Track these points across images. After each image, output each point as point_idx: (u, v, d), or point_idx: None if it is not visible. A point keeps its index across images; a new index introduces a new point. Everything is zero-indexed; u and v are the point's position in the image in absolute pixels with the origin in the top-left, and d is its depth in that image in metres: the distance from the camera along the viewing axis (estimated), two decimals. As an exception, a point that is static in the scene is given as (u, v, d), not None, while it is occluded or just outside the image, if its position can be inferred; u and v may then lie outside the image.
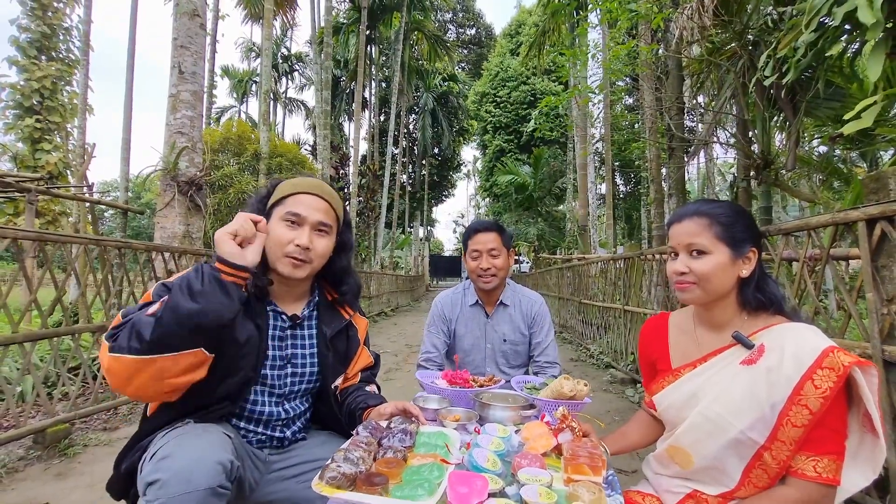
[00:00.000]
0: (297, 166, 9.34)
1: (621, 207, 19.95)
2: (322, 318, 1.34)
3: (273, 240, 1.21)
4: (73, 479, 2.37)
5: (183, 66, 4.69)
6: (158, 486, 0.89)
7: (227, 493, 0.95)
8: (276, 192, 1.28)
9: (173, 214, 4.47)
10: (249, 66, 27.90)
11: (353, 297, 1.41)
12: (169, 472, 0.90)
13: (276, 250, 1.20)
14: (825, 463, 0.91)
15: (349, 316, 1.40)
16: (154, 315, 0.96)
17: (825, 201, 5.03)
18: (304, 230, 1.22)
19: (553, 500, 0.87)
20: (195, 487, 0.89)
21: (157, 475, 0.90)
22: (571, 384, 1.43)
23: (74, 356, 3.11)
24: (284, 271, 1.21)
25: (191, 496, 0.88)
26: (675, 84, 5.83)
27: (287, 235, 1.20)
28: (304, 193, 1.25)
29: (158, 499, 0.88)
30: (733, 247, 1.04)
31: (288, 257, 1.20)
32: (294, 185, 1.27)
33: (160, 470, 0.91)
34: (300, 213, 1.22)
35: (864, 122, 2.26)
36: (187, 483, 0.89)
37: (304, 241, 1.20)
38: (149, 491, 0.90)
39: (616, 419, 3.49)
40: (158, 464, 0.93)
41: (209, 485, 0.91)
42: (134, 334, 0.95)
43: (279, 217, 1.23)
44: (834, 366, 0.91)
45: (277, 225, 1.22)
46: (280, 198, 1.25)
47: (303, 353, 1.31)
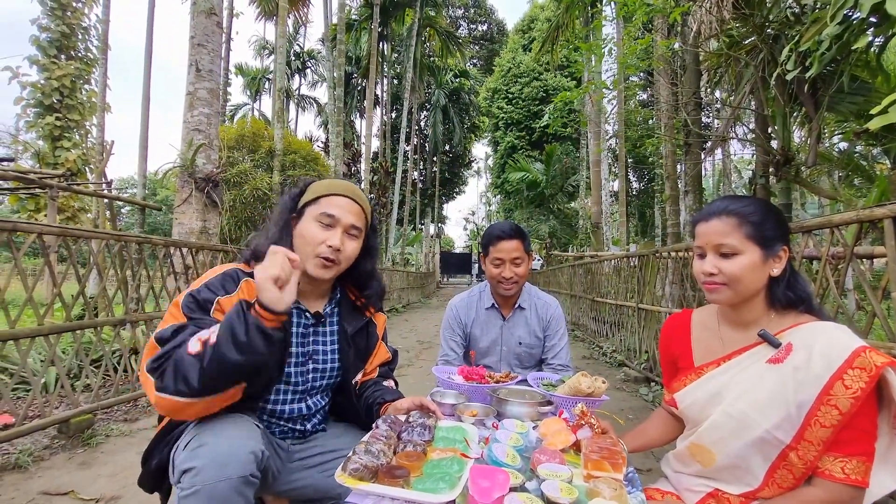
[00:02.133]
0: (310, 163, 9.41)
1: (634, 205, 19.74)
2: (344, 315, 1.36)
3: (306, 239, 1.21)
4: (96, 468, 2.43)
5: (200, 64, 4.74)
6: (194, 473, 0.91)
7: (256, 483, 0.97)
8: (309, 192, 1.28)
9: (191, 210, 4.54)
10: (262, 64, 28.11)
11: (377, 300, 1.42)
12: (205, 459, 0.92)
13: (308, 250, 1.21)
14: (854, 464, 0.90)
15: (370, 314, 1.42)
16: (198, 358, 0.95)
17: (846, 198, 4.92)
18: (336, 231, 1.22)
19: (574, 495, 0.87)
20: (230, 475, 0.91)
21: (192, 462, 0.92)
22: (589, 381, 1.42)
23: (96, 349, 3.18)
24: (314, 272, 1.21)
25: (225, 484, 0.90)
26: (692, 79, 5.73)
27: (320, 236, 1.21)
28: (339, 195, 1.26)
29: (194, 486, 0.90)
30: (764, 246, 1.01)
31: (319, 258, 1.21)
32: (329, 187, 1.27)
33: (196, 457, 0.93)
34: (335, 215, 1.22)
35: (892, 117, 2.20)
36: (222, 470, 0.90)
37: (336, 243, 1.20)
38: (184, 478, 0.92)
39: (630, 418, 3.47)
40: (194, 452, 0.94)
41: (243, 473, 0.92)
42: (180, 378, 0.95)
43: (312, 217, 1.23)
44: (866, 366, 0.89)
45: (310, 224, 1.22)
46: (314, 198, 1.26)
47: (324, 350, 1.32)
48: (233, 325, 0.96)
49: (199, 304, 1.11)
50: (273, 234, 1.26)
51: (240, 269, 1.23)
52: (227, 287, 1.16)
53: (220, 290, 1.15)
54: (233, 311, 0.99)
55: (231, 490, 0.90)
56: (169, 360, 0.98)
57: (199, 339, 0.98)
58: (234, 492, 0.91)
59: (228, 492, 0.90)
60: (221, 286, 1.16)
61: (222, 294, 1.14)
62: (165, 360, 0.98)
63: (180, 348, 0.99)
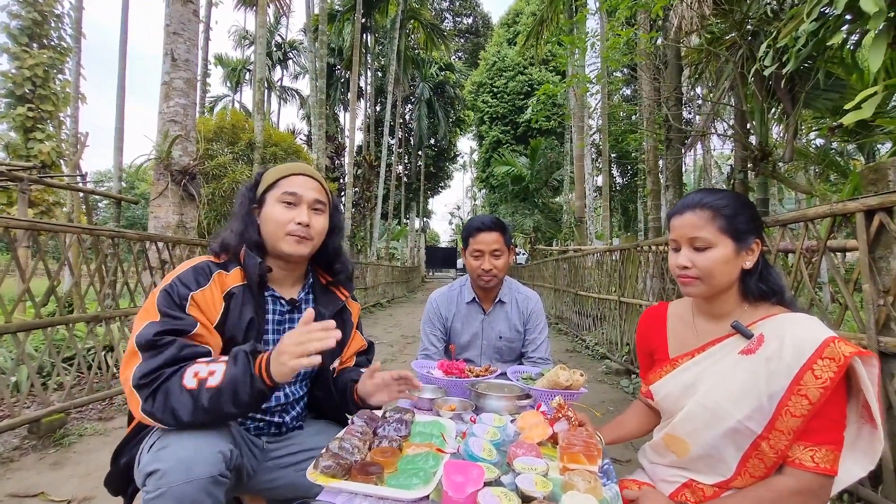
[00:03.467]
0: (291, 156, 9.26)
1: (618, 199, 19.94)
2: (319, 300, 1.35)
3: (273, 221, 1.22)
4: (68, 469, 2.36)
5: (176, 54, 4.61)
6: (158, 475, 0.89)
7: (226, 482, 0.95)
8: (266, 178, 1.29)
9: (167, 204, 4.43)
10: (243, 55, 27.58)
11: (346, 278, 1.42)
12: (169, 461, 0.89)
13: (278, 231, 1.22)
14: (823, 453, 0.91)
15: (345, 298, 1.41)
16: (192, 396, 0.95)
17: (822, 193, 5.04)
18: (301, 209, 1.24)
19: (548, 488, 0.87)
20: (196, 476, 0.89)
21: (156, 465, 0.90)
22: (567, 374, 1.43)
23: (69, 346, 3.09)
24: (289, 249, 1.22)
25: (191, 485, 0.88)
26: (673, 74, 5.79)
27: (287, 215, 1.22)
28: (296, 175, 1.27)
29: (159, 489, 0.87)
30: (737, 239, 1.02)
31: (291, 235, 1.22)
32: (286, 169, 1.29)
33: (159, 460, 0.91)
34: (297, 192, 1.24)
35: (864, 113, 2.25)
36: (188, 472, 0.88)
37: (304, 219, 1.22)
38: (148, 481, 0.90)
39: (611, 409, 3.51)
40: (157, 454, 0.92)
41: (210, 474, 0.90)
42: (169, 411, 0.95)
43: (275, 199, 1.24)
44: (835, 356, 0.90)
45: (275, 207, 1.23)
46: (273, 182, 1.26)
47: None
48: (237, 385, 0.97)
49: (174, 300, 1.09)
50: (237, 227, 1.25)
51: (210, 262, 1.22)
52: (200, 281, 1.15)
53: (193, 285, 1.14)
54: (239, 370, 0.99)
55: (198, 491, 0.88)
56: (160, 387, 0.97)
57: (195, 374, 0.98)
58: (201, 492, 0.89)
59: (196, 493, 0.88)
60: (194, 280, 1.15)
61: (195, 289, 1.13)
62: (156, 384, 0.97)
63: (174, 377, 0.98)
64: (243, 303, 1.18)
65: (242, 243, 1.22)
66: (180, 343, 1.02)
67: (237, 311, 1.16)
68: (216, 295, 1.15)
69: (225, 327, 1.14)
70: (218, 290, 1.16)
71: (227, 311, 1.15)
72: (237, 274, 1.21)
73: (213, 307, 1.14)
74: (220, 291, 1.16)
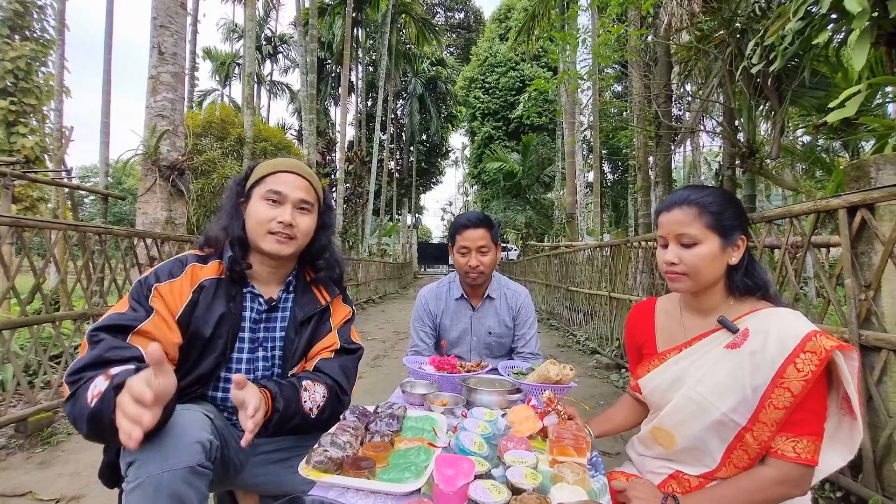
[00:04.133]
0: (282, 151, 9.18)
1: (609, 196, 20.07)
2: (297, 300, 1.31)
3: (255, 219, 1.21)
4: (56, 468, 2.34)
5: (163, 47, 4.54)
6: (137, 465, 0.89)
7: (207, 473, 0.95)
8: (254, 173, 1.27)
9: (155, 200, 4.38)
10: (232, 48, 27.20)
11: (329, 278, 1.36)
12: (146, 451, 0.89)
13: (259, 229, 1.20)
14: (804, 444, 0.93)
15: (326, 301, 1.34)
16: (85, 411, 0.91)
17: (807, 190, 5.12)
18: (285, 208, 1.21)
19: (538, 480, 0.88)
20: (173, 466, 0.88)
21: (134, 455, 0.90)
22: (558, 368, 1.45)
23: (56, 344, 3.05)
24: (270, 248, 1.20)
25: (170, 475, 0.88)
26: (663, 71, 5.83)
27: (269, 213, 1.20)
28: (284, 172, 1.25)
29: (138, 478, 0.88)
30: (723, 235, 1.03)
31: (271, 234, 1.20)
32: (274, 165, 1.27)
33: (138, 449, 0.90)
34: (281, 191, 1.22)
35: (848, 111, 2.29)
36: (164, 461, 0.88)
37: (286, 218, 1.19)
38: (129, 471, 0.90)
39: (601, 403, 3.55)
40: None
41: (189, 463, 0.90)
42: (77, 420, 0.93)
43: (260, 196, 1.22)
44: (816, 349, 0.92)
45: (258, 204, 1.22)
46: (260, 177, 1.25)
47: (272, 337, 1.27)
48: (101, 418, 0.89)
49: (142, 291, 1.12)
50: (223, 220, 1.26)
51: (191, 255, 1.23)
52: (174, 272, 1.17)
53: (165, 276, 1.15)
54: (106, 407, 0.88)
55: (177, 481, 0.88)
56: (77, 390, 0.95)
57: (93, 389, 0.92)
58: (181, 482, 0.89)
59: (175, 483, 0.88)
60: (168, 272, 1.16)
61: (165, 279, 1.14)
62: (76, 385, 0.95)
63: (87, 384, 0.94)
64: (214, 297, 1.17)
65: (227, 237, 1.22)
66: (108, 343, 1.01)
67: (205, 304, 1.16)
68: (185, 287, 1.15)
69: (190, 319, 1.14)
70: (188, 283, 1.16)
71: (193, 304, 1.15)
72: (214, 267, 1.21)
73: (178, 299, 1.14)
74: (191, 284, 1.16)
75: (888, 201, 1.79)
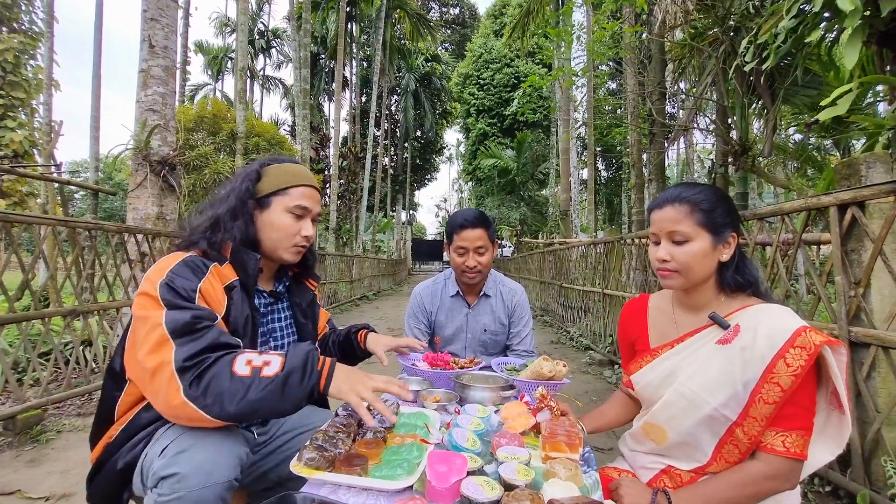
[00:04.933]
0: (275, 147, 9.12)
1: (603, 193, 20.13)
2: (294, 292, 1.40)
3: (282, 230, 1.22)
4: (46, 466, 2.32)
5: (153, 40, 4.48)
6: (176, 479, 0.87)
7: (237, 486, 0.95)
8: (272, 179, 1.23)
9: (146, 195, 4.33)
10: (224, 42, 26.92)
11: (312, 269, 1.47)
12: (189, 465, 0.88)
13: (286, 241, 1.24)
14: (793, 438, 0.94)
15: (314, 288, 1.47)
16: (244, 385, 0.91)
17: (799, 188, 5.16)
18: (307, 221, 1.27)
19: (530, 476, 0.88)
20: (215, 481, 0.88)
21: (174, 468, 0.88)
22: (551, 365, 1.45)
23: (45, 341, 3.01)
24: (290, 258, 1.26)
25: (210, 490, 0.87)
26: (657, 69, 5.84)
27: (295, 227, 1.24)
28: (308, 187, 1.27)
29: (176, 492, 0.86)
30: (714, 233, 1.04)
31: (296, 247, 1.26)
32: (296, 177, 1.25)
33: (178, 463, 0.88)
34: (308, 207, 1.26)
35: (839, 109, 2.30)
36: (208, 476, 0.87)
37: (310, 233, 1.27)
38: (163, 484, 0.88)
39: (594, 399, 3.57)
40: (176, 457, 0.89)
41: (228, 478, 0.90)
42: (215, 398, 0.90)
43: (284, 208, 1.23)
44: (806, 345, 0.93)
45: (283, 216, 1.23)
46: (283, 187, 1.22)
47: (280, 327, 1.35)
48: (293, 379, 0.95)
49: (180, 294, 1.01)
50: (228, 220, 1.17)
51: (198, 258, 1.14)
52: (198, 274, 1.09)
53: (193, 278, 1.07)
54: (299, 361, 0.97)
55: (215, 497, 0.88)
56: (206, 370, 0.91)
57: (248, 362, 0.94)
58: (217, 498, 0.88)
59: (213, 498, 0.88)
60: (192, 274, 1.07)
61: (198, 281, 1.07)
62: (201, 367, 0.91)
63: (223, 362, 0.92)
64: (242, 297, 1.16)
65: (231, 237, 1.16)
66: (218, 329, 0.99)
67: (238, 305, 1.14)
68: (217, 288, 1.11)
69: (228, 321, 1.11)
70: (218, 283, 1.12)
71: (230, 304, 1.13)
72: (230, 268, 1.17)
73: (219, 299, 1.10)
74: (221, 284, 1.13)
75: (878, 199, 1.81)
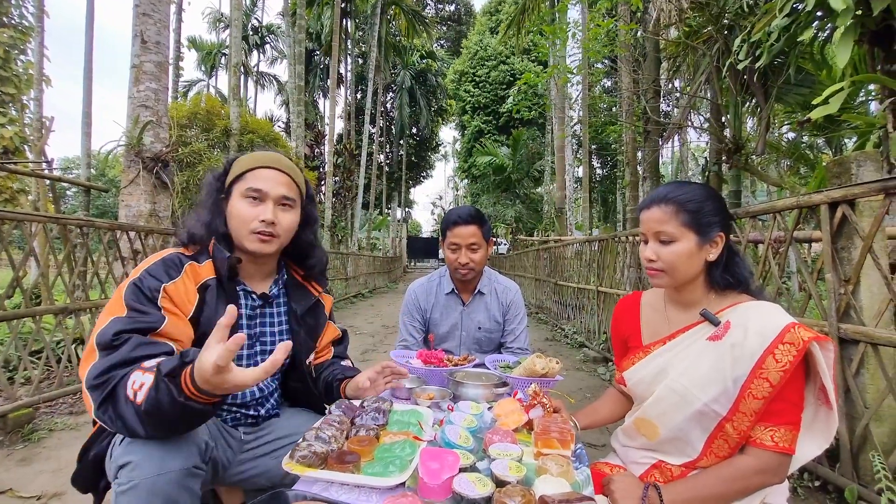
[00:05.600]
0: (269, 143, 9.06)
1: (598, 190, 20.22)
2: (291, 295, 1.33)
3: (236, 218, 1.18)
4: (38, 465, 2.30)
5: (146, 36, 4.44)
6: (131, 467, 0.87)
7: (202, 474, 0.94)
8: (234, 168, 1.23)
9: (138, 192, 4.30)
10: (218, 38, 26.70)
11: (320, 273, 1.40)
12: (141, 453, 0.88)
13: (242, 228, 1.17)
14: (782, 433, 0.96)
15: (318, 293, 1.39)
16: (133, 408, 0.86)
17: (792, 186, 5.20)
18: (267, 206, 1.18)
19: (522, 473, 0.88)
20: (169, 468, 0.87)
21: (129, 457, 0.88)
22: (544, 362, 1.45)
23: (36, 339, 2.99)
24: (253, 248, 1.18)
25: (165, 477, 0.87)
26: (652, 67, 5.86)
27: (251, 212, 1.17)
28: (264, 168, 1.21)
29: (131, 481, 0.86)
30: (700, 233, 1.05)
31: (254, 234, 1.17)
32: (252, 160, 1.22)
33: (133, 451, 0.89)
34: (262, 189, 1.18)
35: (831, 108, 2.32)
36: (161, 464, 0.87)
37: (268, 216, 1.17)
38: (121, 473, 0.88)
39: (588, 396, 3.59)
40: (130, 446, 0.90)
41: (184, 465, 0.89)
42: (119, 421, 0.87)
43: (240, 194, 1.18)
44: (794, 340, 0.94)
45: (239, 202, 1.18)
46: (239, 174, 1.21)
47: (272, 332, 1.29)
48: (162, 411, 0.85)
49: (144, 294, 1.03)
50: (204, 217, 1.20)
51: (180, 254, 1.17)
52: (171, 273, 1.10)
53: (164, 277, 1.08)
54: (162, 395, 0.84)
55: (171, 484, 0.87)
56: (110, 393, 0.89)
57: (132, 384, 0.87)
58: (175, 485, 0.88)
59: (169, 486, 0.87)
60: (165, 272, 1.09)
61: (167, 281, 1.08)
62: (107, 388, 0.89)
63: (120, 383, 0.89)
64: (218, 296, 1.14)
65: (211, 235, 1.18)
66: (136, 341, 0.95)
67: (212, 304, 1.12)
68: (189, 287, 1.11)
69: (200, 320, 1.10)
70: (191, 282, 1.11)
71: (202, 304, 1.11)
72: (209, 266, 1.17)
73: (188, 299, 1.09)
74: (194, 283, 1.12)
75: (868, 197, 1.83)
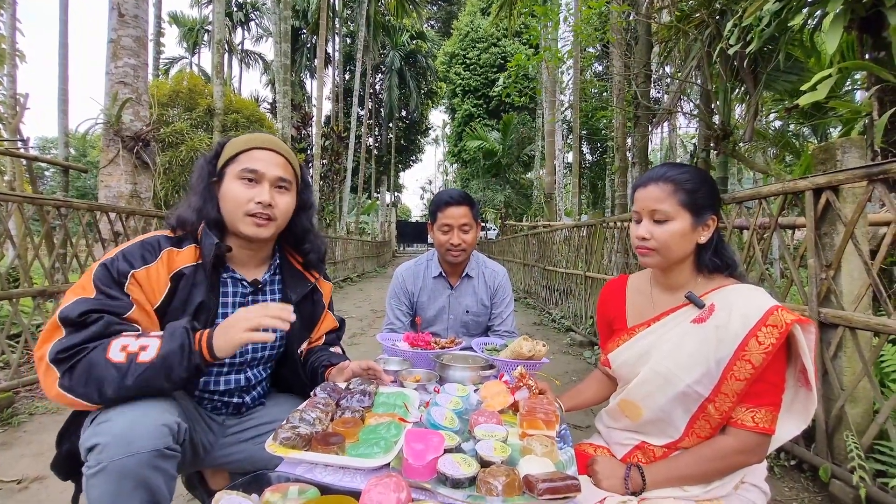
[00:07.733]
0: (254, 124, 8.88)
1: (587, 176, 20.23)
2: (286, 282, 1.29)
3: (231, 200, 1.13)
4: (18, 449, 2.27)
5: (123, 9, 4.27)
6: (98, 450, 0.85)
7: (175, 455, 0.93)
8: (227, 150, 1.19)
9: (118, 172, 4.18)
10: (201, 14, 25.85)
11: (318, 260, 1.35)
12: (108, 435, 0.86)
13: (237, 211, 1.13)
14: (763, 414, 0.97)
15: (314, 280, 1.35)
16: (119, 370, 0.90)
17: (777, 173, 5.26)
18: (263, 187, 1.14)
19: (507, 453, 0.89)
20: (138, 450, 0.86)
21: (96, 439, 0.86)
22: (530, 345, 1.46)
23: (14, 322, 2.92)
24: (249, 232, 1.14)
25: (133, 459, 0.85)
26: (643, 51, 5.82)
27: (246, 194, 1.13)
28: (259, 149, 1.17)
29: (99, 463, 0.84)
30: (695, 214, 1.05)
31: (250, 216, 1.13)
32: (247, 141, 1.18)
33: (99, 434, 0.87)
34: (258, 170, 1.14)
35: (819, 94, 2.33)
36: (128, 445, 0.85)
37: (265, 198, 1.13)
38: (89, 456, 0.87)
39: (574, 379, 3.64)
40: (97, 427, 0.88)
41: (154, 447, 0.87)
42: (93, 384, 0.89)
43: (234, 176, 1.14)
44: (777, 323, 0.95)
45: (233, 184, 1.14)
46: (233, 155, 1.16)
47: None
48: (172, 361, 0.93)
49: (113, 277, 1.01)
50: (195, 202, 1.16)
51: (163, 237, 1.13)
52: (147, 258, 1.07)
53: (138, 261, 1.05)
54: (175, 345, 0.94)
55: (142, 465, 0.86)
56: (81, 359, 0.90)
57: (123, 347, 0.92)
58: (146, 467, 0.86)
59: (139, 467, 0.85)
60: (140, 256, 1.06)
61: (139, 265, 1.05)
62: (76, 357, 0.90)
63: (97, 350, 0.91)
64: (194, 284, 1.10)
65: (201, 220, 1.14)
66: (108, 321, 0.95)
67: (185, 292, 1.09)
68: (161, 274, 1.07)
69: (167, 310, 1.07)
70: (164, 270, 1.07)
71: (172, 293, 1.08)
72: (190, 252, 1.12)
73: (157, 287, 1.06)
74: (168, 271, 1.08)
75: (851, 184, 1.85)
